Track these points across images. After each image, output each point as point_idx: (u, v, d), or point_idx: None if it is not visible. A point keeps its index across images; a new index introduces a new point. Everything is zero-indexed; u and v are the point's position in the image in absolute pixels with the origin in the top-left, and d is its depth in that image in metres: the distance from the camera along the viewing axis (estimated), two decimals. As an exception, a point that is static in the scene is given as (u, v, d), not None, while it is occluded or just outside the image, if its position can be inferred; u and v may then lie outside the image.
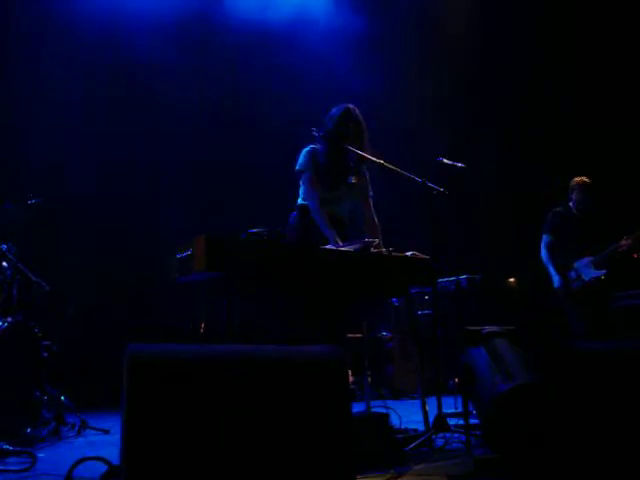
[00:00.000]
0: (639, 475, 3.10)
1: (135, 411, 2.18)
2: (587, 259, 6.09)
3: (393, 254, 4.36)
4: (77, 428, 5.25)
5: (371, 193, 4.93)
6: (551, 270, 6.33)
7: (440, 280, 6.45)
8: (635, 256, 6.66)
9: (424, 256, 4.51)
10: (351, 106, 4.72)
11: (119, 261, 8.12)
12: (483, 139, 9.43)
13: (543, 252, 6.45)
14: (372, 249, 4.27)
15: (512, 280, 9.50)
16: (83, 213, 8.06)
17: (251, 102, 9.12)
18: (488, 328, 4.03)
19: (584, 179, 6.37)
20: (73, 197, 7.98)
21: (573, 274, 6.13)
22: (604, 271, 6.03)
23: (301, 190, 4.76)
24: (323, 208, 4.58)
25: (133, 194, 8.32)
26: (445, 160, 4.72)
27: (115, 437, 5.14)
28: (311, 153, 4.70)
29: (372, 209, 4.90)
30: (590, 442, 3.23)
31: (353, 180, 4.79)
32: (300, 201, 4.76)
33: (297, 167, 4.70)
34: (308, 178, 4.65)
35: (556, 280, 6.23)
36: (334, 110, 4.75)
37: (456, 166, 4.70)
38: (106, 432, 5.34)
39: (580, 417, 3.27)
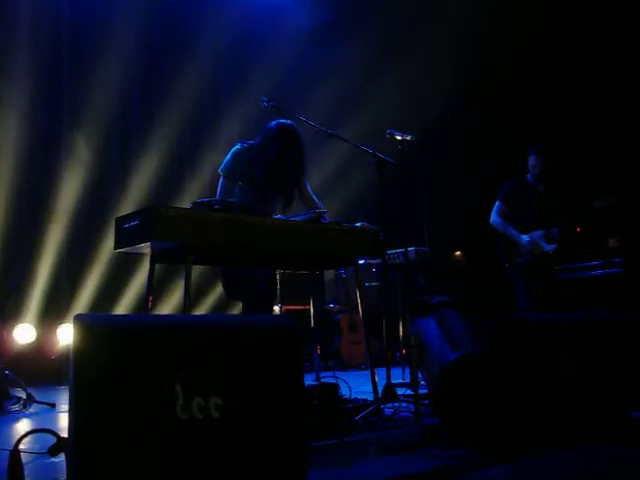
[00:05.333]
0: (580, 438, 3.19)
1: (83, 380, 2.15)
2: (539, 232, 6.12)
3: (342, 224, 4.36)
4: (22, 402, 5.16)
5: (308, 185, 4.86)
6: (513, 232, 6.23)
7: (388, 252, 6.47)
8: (578, 230, 6.76)
9: (373, 227, 4.52)
10: (293, 129, 4.57)
11: (64, 231, 7.97)
12: (432, 109, 9.45)
13: (496, 219, 6.31)
14: (321, 220, 4.26)
15: (458, 253, 9.62)
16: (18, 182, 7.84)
17: (200, 56, 8.97)
18: (437, 298, 4.06)
19: (539, 144, 6.36)
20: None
21: (528, 245, 6.09)
22: (555, 246, 6.07)
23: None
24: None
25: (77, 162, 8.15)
26: (396, 132, 4.71)
27: (62, 411, 5.09)
28: (237, 156, 4.56)
29: (310, 191, 4.83)
30: (534, 407, 3.31)
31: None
32: None
33: (220, 168, 4.60)
34: (222, 184, 4.56)
35: (524, 238, 6.15)
36: (273, 126, 4.57)
37: (406, 138, 4.70)
38: (52, 406, 5.27)
39: (525, 384, 3.33)
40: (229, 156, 4.59)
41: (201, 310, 8.62)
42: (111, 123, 8.49)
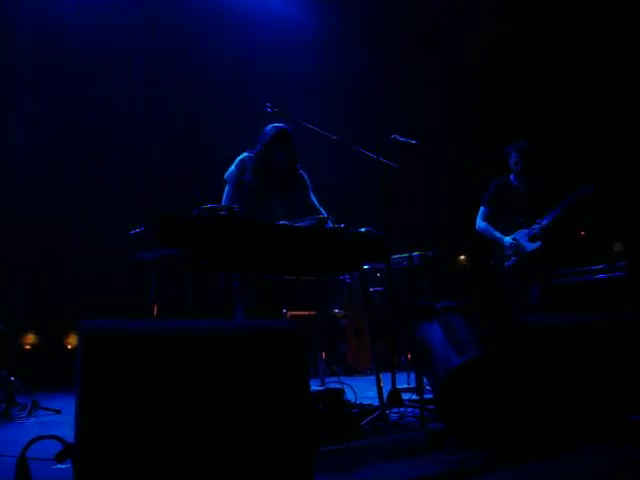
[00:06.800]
0: (582, 441, 3.19)
1: (90, 386, 2.16)
2: (523, 232, 6.05)
3: (347, 230, 4.37)
4: (28, 409, 5.17)
5: (312, 194, 4.89)
6: (497, 235, 6.15)
7: (393, 256, 6.46)
8: (582, 234, 6.72)
9: (377, 232, 4.52)
10: (282, 129, 4.65)
11: (71, 239, 7.99)
12: (435, 115, 9.45)
13: (481, 224, 6.21)
14: (325, 225, 4.28)
15: (462, 257, 9.62)
16: (29, 190, 7.87)
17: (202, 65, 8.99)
18: (441, 303, 4.07)
19: (519, 140, 6.26)
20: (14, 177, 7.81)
21: (511, 247, 6.02)
22: (539, 243, 5.98)
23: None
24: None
25: (82, 169, 8.16)
26: (399, 137, 4.72)
27: (67, 417, 5.08)
28: (241, 164, 4.68)
29: (315, 201, 4.86)
30: (536, 411, 3.31)
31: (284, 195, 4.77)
32: None
33: (225, 175, 4.69)
34: (227, 191, 4.65)
35: (507, 240, 6.07)
36: (268, 129, 4.68)
37: (410, 143, 4.70)
38: (58, 412, 5.28)
39: (528, 388, 3.34)
40: (234, 164, 4.69)
41: (206, 316, 8.61)
42: (114, 129, 8.52)
